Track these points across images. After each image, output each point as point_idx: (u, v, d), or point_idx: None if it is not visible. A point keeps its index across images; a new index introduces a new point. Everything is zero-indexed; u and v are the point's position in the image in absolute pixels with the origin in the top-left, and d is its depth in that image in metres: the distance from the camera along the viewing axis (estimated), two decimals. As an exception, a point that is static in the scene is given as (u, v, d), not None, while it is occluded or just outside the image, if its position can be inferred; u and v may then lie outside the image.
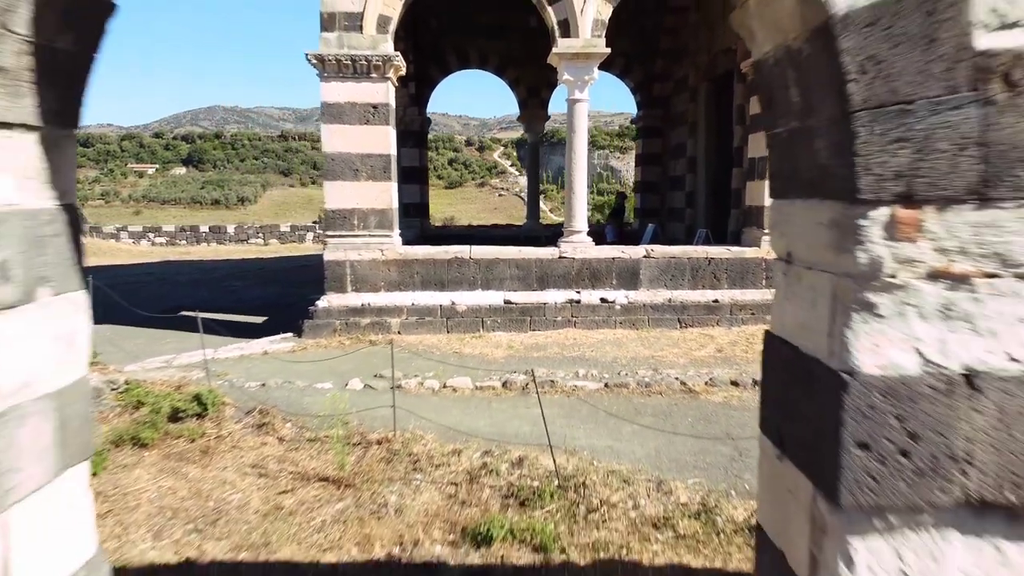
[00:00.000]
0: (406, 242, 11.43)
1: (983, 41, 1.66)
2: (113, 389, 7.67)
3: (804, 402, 1.95)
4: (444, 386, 7.66)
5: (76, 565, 2.29)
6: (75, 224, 2.26)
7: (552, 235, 13.27)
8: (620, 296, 10.69)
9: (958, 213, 1.70)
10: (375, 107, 9.91)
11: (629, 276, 10.79)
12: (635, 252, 10.92)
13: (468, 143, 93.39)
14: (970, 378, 1.73)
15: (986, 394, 1.74)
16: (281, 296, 15.54)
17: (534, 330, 10.38)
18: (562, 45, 10.31)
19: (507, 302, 10.52)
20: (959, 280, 1.72)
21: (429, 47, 18.04)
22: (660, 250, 11.00)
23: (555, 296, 10.63)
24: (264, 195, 72.99)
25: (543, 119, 19.53)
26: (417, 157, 18.61)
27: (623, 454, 5.61)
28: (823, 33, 1.69)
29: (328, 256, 10.23)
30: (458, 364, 8.55)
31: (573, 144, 10.75)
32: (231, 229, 39.70)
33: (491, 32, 17.74)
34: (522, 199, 62.86)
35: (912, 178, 1.67)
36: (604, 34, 10.39)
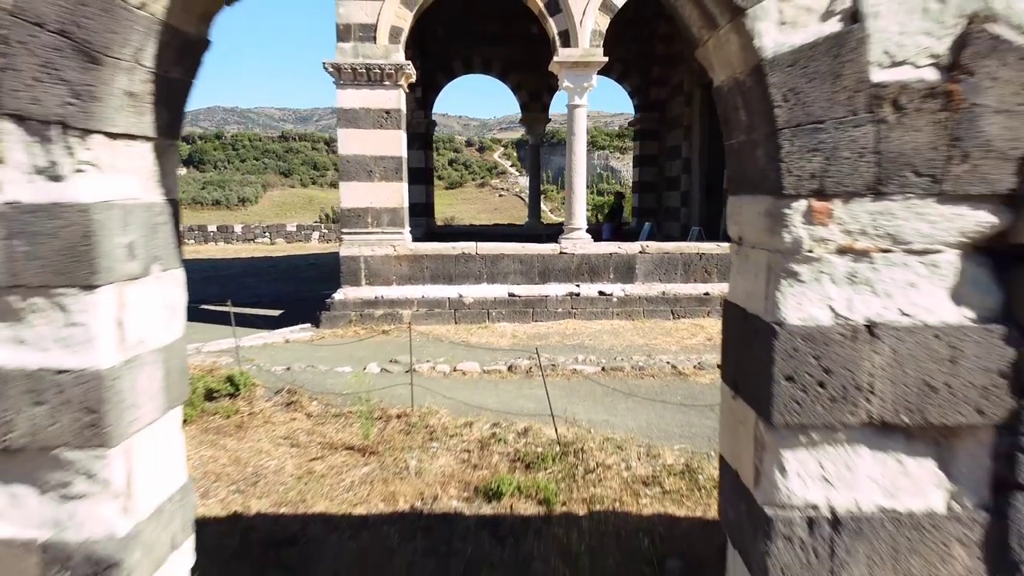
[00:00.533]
0: (415, 240, 11.97)
1: (877, 76, 2.19)
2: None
3: (749, 350, 2.49)
4: (454, 370, 8.21)
5: (174, 488, 2.83)
6: (176, 215, 2.80)
7: (553, 233, 13.80)
8: (617, 289, 11.23)
9: (859, 204, 2.23)
10: (388, 112, 10.46)
11: (625, 271, 11.33)
12: (631, 248, 11.46)
13: (468, 143, 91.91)
14: (871, 328, 2.27)
15: (883, 340, 2.27)
16: (294, 292, 16.07)
17: (536, 321, 10.91)
18: (563, 54, 10.85)
19: (511, 295, 11.05)
20: (861, 254, 2.26)
21: (436, 54, 18.57)
22: (654, 246, 11.53)
23: (556, 289, 11.17)
24: (265, 195, 73.27)
25: (544, 122, 20.05)
26: (423, 159, 19.13)
27: (618, 426, 6.15)
28: (758, 70, 2.22)
29: (344, 252, 10.77)
30: (466, 351, 9.09)
31: (573, 147, 11.29)
32: (238, 228, 40.21)
33: (495, 39, 18.26)
34: (522, 199, 63.22)
35: (823, 178, 2.21)
36: (602, 43, 10.92)
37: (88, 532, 2.42)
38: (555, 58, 10.93)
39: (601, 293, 11.17)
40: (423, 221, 18.57)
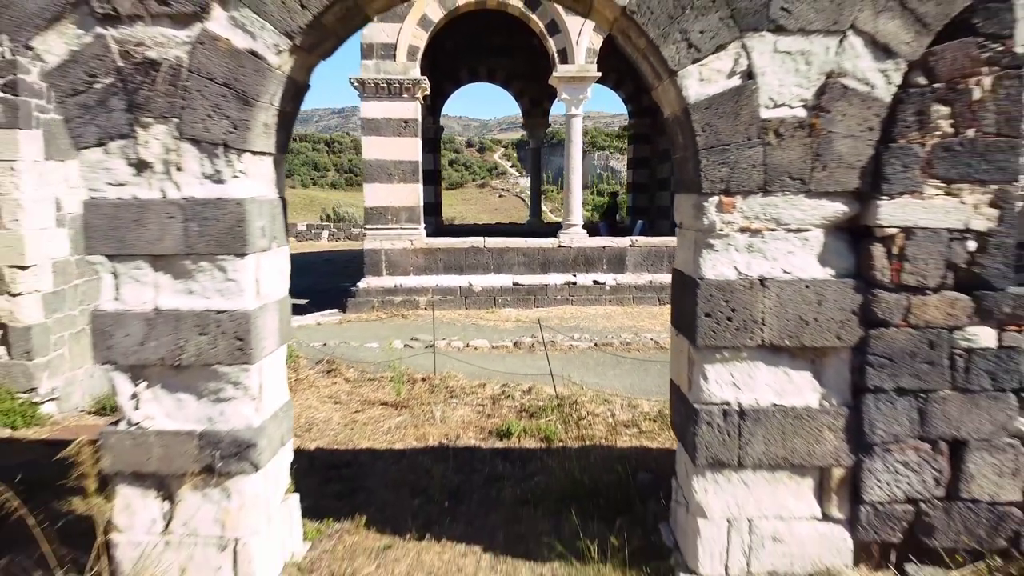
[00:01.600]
0: (427, 235, 12.99)
1: (765, 114, 3.22)
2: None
3: (683, 298, 3.53)
4: (467, 345, 9.24)
5: (282, 402, 3.86)
6: (285, 208, 3.83)
7: (553, 231, 14.82)
8: (609, 278, 12.26)
9: (753, 199, 3.26)
10: (406, 122, 11.49)
11: (617, 262, 12.36)
12: (622, 242, 12.49)
13: (469, 144, 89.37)
14: (762, 281, 3.30)
15: (771, 289, 3.30)
16: (315, 284, 17.05)
17: (538, 307, 11.94)
18: (561, 70, 11.87)
19: (515, 284, 12.08)
20: (755, 232, 3.29)
21: (444, 64, 19.55)
22: (643, 241, 12.55)
23: (555, 279, 12.20)
24: (266, 196, 73.53)
25: (544, 126, 21.05)
26: (432, 162, 20.09)
27: (606, 386, 7.19)
28: (686, 110, 3.25)
29: (367, 245, 11.81)
30: (477, 331, 10.13)
31: (570, 152, 12.33)
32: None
33: (499, 51, 19.24)
34: (522, 199, 63.85)
35: (729, 182, 3.24)
36: (596, 60, 11.93)
37: (233, 424, 3.46)
38: (554, 73, 11.95)
39: (595, 282, 12.20)
40: (431, 220, 19.52)
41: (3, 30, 3.41)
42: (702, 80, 3.22)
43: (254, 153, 3.38)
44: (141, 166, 3.31)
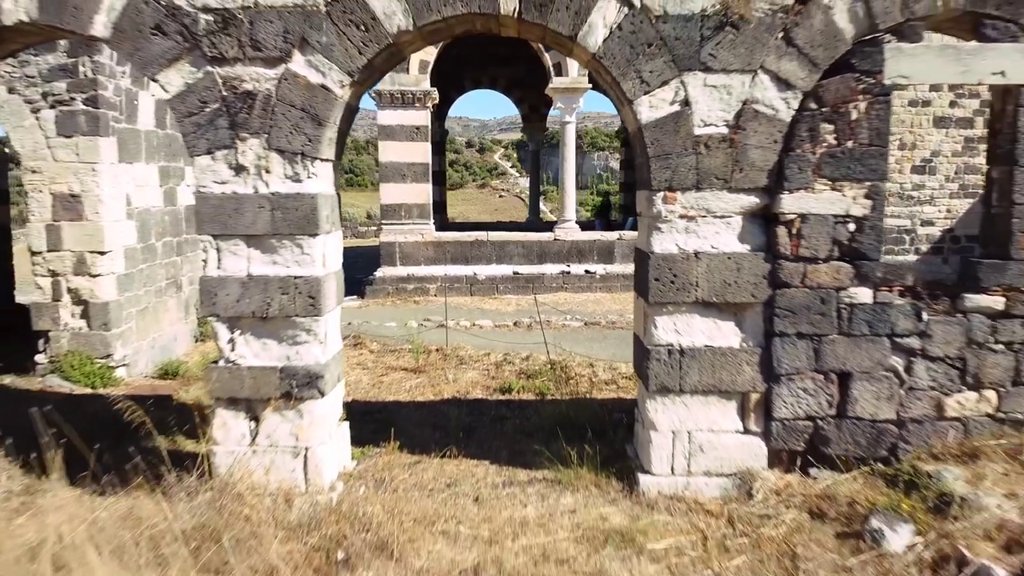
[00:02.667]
0: (436, 230, 14.06)
1: (697, 131, 4.30)
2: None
3: (640, 269, 4.61)
4: (473, 324, 10.33)
5: (338, 348, 4.93)
6: (338, 201, 4.91)
7: (549, 227, 15.89)
8: (600, 268, 13.34)
9: (689, 194, 4.35)
10: (418, 128, 12.57)
11: (607, 254, 13.43)
12: (611, 236, 13.57)
13: (469, 145, 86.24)
14: (696, 254, 4.39)
15: (702, 260, 4.39)
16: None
17: (535, 293, 12.97)
18: (556, 82, 12.95)
19: (515, 273, 13.17)
20: (691, 219, 4.37)
21: (450, 73, 20.58)
22: (630, 235, 13.61)
23: (551, 268, 13.29)
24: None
25: (543, 130, 22.12)
26: (437, 163, 21.14)
27: (592, 355, 8.26)
28: (640, 129, 4.33)
29: (383, 239, 12.89)
30: (481, 313, 11.21)
31: (564, 155, 13.42)
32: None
33: (501, 60, 20.26)
34: (522, 200, 64.45)
35: (671, 181, 4.32)
36: (587, 72, 12.99)
37: (306, 361, 4.54)
38: (550, 84, 13.03)
39: (587, 271, 13.28)
40: (437, 217, 20.56)
41: (136, 66, 4.50)
42: (651, 107, 4.31)
43: (322, 160, 4.47)
44: (239, 169, 4.39)
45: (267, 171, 4.39)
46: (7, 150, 8.99)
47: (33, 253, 7.62)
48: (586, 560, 3.73)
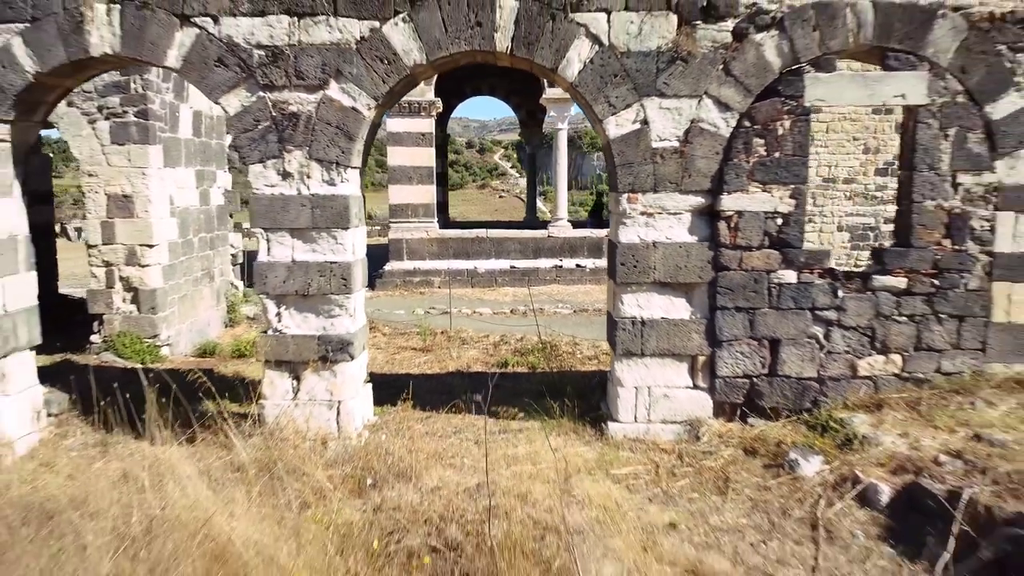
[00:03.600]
0: (439, 228, 15.02)
1: (655, 144, 5.26)
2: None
3: (610, 255, 5.57)
4: (474, 312, 11.28)
5: (364, 322, 5.88)
6: (363, 201, 5.86)
7: (544, 225, 16.84)
8: (589, 263, 14.29)
9: (649, 195, 5.30)
10: (423, 134, 13.52)
11: (596, 249, 14.39)
12: (600, 233, 14.51)
13: (469, 145, 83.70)
14: (654, 243, 5.34)
15: (659, 248, 5.34)
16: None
17: (530, 285, 13.94)
18: (549, 92, 13.90)
19: (512, 267, 14.12)
20: (650, 215, 5.33)
21: (452, 82, 21.53)
22: (618, 232, 14.58)
23: (545, 263, 14.25)
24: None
25: (539, 135, 23.03)
26: (439, 165, 22.08)
27: (579, 336, 9.21)
28: (609, 143, 5.28)
29: (391, 235, 13.86)
30: (480, 303, 12.16)
31: (556, 159, 14.39)
32: (245, 227, 43.04)
33: (500, 70, 21.17)
34: (522, 200, 64.80)
35: (633, 184, 5.27)
36: (578, 83, 13.95)
37: (339, 331, 5.49)
38: (544, 95, 13.99)
39: (578, 265, 14.24)
40: (440, 216, 21.50)
41: (203, 92, 5.46)
42: (617, 125, 5.27)
43: (352, 167, 5.42)
44: (286, 175, 5.35)
45: (308, 176, 5.34)
46: (51, 155, 9.91)
47: (89, 246, 8.57)
48: (562, 481, 4.68)
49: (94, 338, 8.61)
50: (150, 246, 8.52)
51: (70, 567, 3.53)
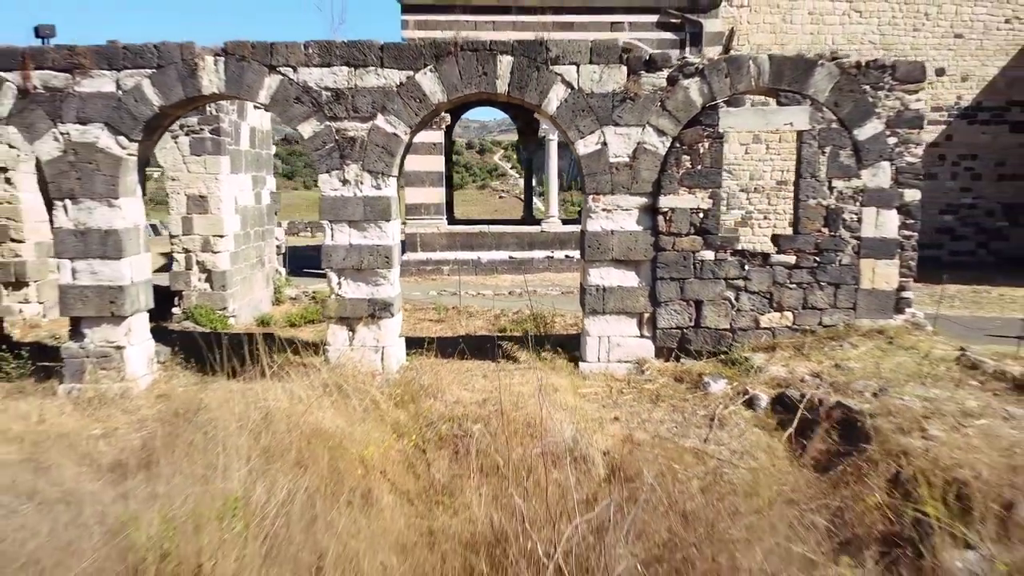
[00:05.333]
0: (447, 224, 16.81)
1: (611, 160, 7.08)
2: (305, 294, 13.12)
3: (581, 241, 7.39)
4: (478, 293, 13.10)
5: (399, 289, 7.70)
6: (398, 201, 7.68)
7: (538, 222, 18.63)
8: (576, 254, 16.09)
9: (608, 196, 7.11)
10: (434, 144, 15.32)
11: (583, 242, 16.20)
12: (587, 228, 16.33)
13: (469, 146, 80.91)
14: (612, 231, 7.16)
15: (615, 235, 7.16)
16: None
17: (526, 274, 15.75)
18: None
19: (510, 257, 15.94)
20: (609, 211, 7.13)
21: (456, 93, 23.34)
22: (602, 227, 16.39)
23: (539, 254, 16.06)
24: (270, 197, 74.39)
25: (536, 140, 24.77)
26: (446, 170, 23.90)
27: (564, 310, 11.03)
28: (579, 159, 7.08)
29: (408, 231, 15.66)
30: (483, 287, 13.98)
31: (548, 165, 16.18)
32: (284, 224, 44.83)
33: (499, 84, 23.00)
34: (522, 200, 66.25)
35: (597, 188, 7.08)
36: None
37: (383, 295, 7.32)
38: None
39: (566, 256, 16.05)
40: (447, 215, 23.36)
41: (284, 121, 7.27)
42: (585, 146, 7.08)
43: (392, 176, 7.24)
44: (345, 182, 7.16)
45: (361, 183, 7.16)
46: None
47: (172, 236, 10.38)
48: (546, 396, 6.51)
49: (175, 310, 10.43)
50: (220, 236, 10.34)
51: (218, 438, 5.35)
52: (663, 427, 5.91)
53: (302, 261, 18.19)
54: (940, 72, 16.06)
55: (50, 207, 9.85)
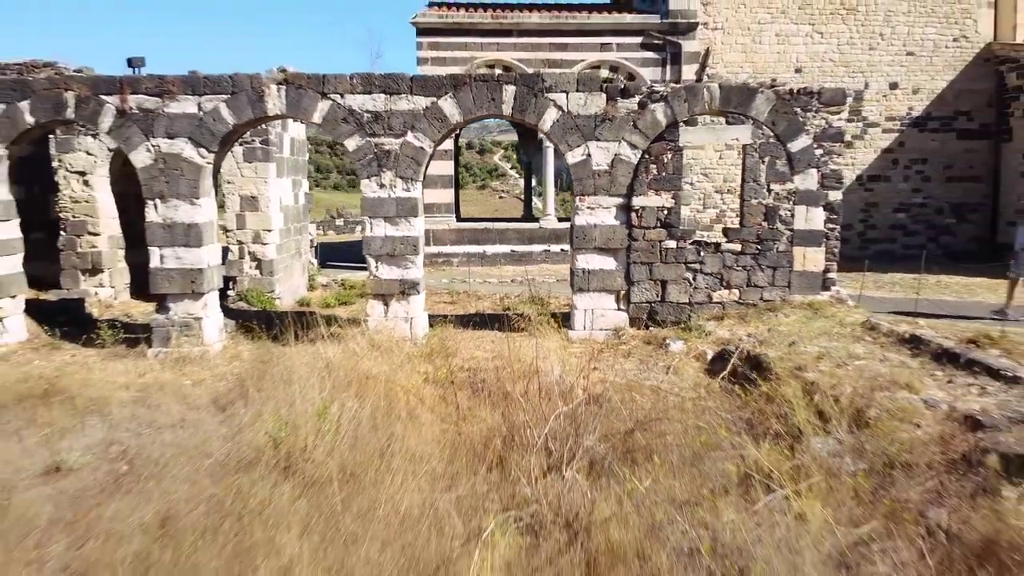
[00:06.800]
0: (456, 222, 18.39)
1: (594, 167, 8.66)
2: (334, 282, 14.72)
3: (571, 232, 8.97)
4: (485, 281, 14.68)
5: (423, 273, 9.29)
6: (423, 199, 9.25)
7: (537, 220, 20.20)
8: (571, 248, 17.69)
9: (592, 196, 8.68)
10: (446, 150, 16.88)
11: (576, 237, 17.77)
12: (580, 225, 17.90)
13: (469, 146, 79.39)
14: (595, 225, 8.74)
15: (597, 228, 8.75)
16: (375, 257, 22.47)
17: (526, 265, 17.34)
18: (540, 118, 17.27)
19: (512, 251, 17.52)
20: (592, 209, 8.69)
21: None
22: (593, 224, 17.96)
23: (537, 248, 17.64)
24: (274, 198, 74.19)
25: (536, 145, 26.33)
26: (454, 172, 25.45)
27: (559, 294, 12.62)
28: (569, 167, 8.65)
29: (421, 226, 17.24)
30: (488, 276, 15.56)
31: (545, 169, 17.76)
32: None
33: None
34: (521, 200, 67.59)
35: (583, 190, 8.65)
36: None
37: (410, 276, 8.91)
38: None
39: (562, 249, 17.62)
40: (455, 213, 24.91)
41: (332, 137, 8.85)
42: (573, 156, 8.66)
43: (418, 181, 8.82)
44: (381, 186, 8.75)
45: (394, 187, 8.74)
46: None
47: (227, 231, 11.96)
48: (542, 356, 8.09)
49: (230, 292, 12.01)
50: (268, 231, 11.92)
51: (295, 377, 6.93)
52: (630, 373, 7.50)
53: (324, 255, 19.71)
54: (893, 86, 17.61)
55: (121, 207, 11.51)
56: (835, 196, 8.82)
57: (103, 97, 8.83)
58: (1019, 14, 17.77)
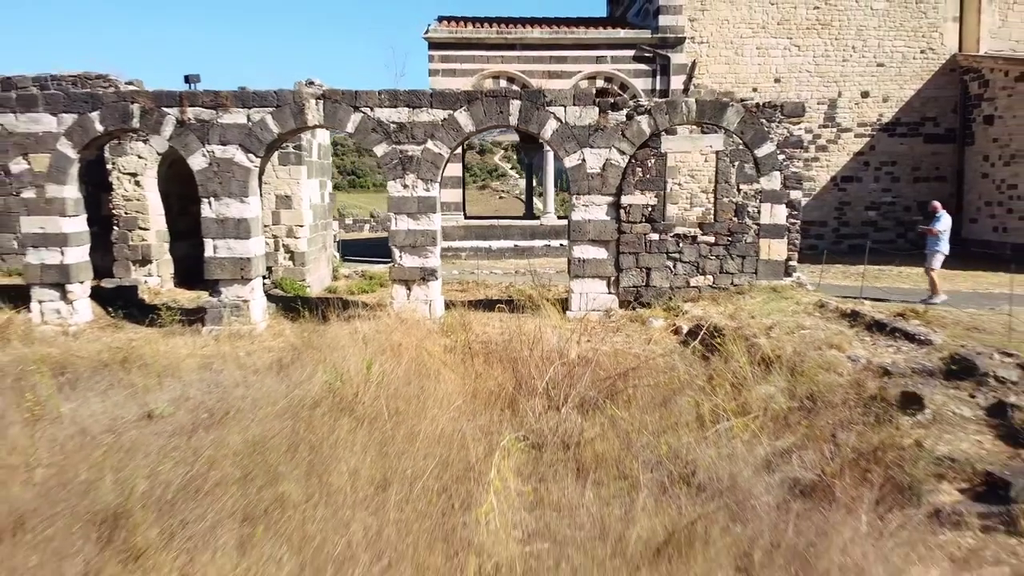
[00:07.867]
0: (464, 219, 19.60)
1: (588, 170, 9.88)
2: (355, 273, 15.95)
3: (568, 227, 10.18)
4: (491, 273, 15.90)
5: (440, 262, 10.51)
6: (439, 199, 10.47)
7: (538, 218, 21.40)
8: (569, 243, 18.91)
9: (586, 195, 9.91)
10: (456, 154, 18.07)
11: (574, 234, 18.99)
12: (577, 222, 19.11)
13: (469, 146, 79.95)
14: (588, 221, 9.96)
15: (591, 222, 9.97)
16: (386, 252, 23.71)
17: (528, 258, 18.55)
18: (541, 124, 18.48)
19: (516, 245, 18.74)
20: (587, 206, 9.91)
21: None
22: (590, 221, 19.17)
23: (538, 243, 18.86)
24: (280, 198, 75.71)
25: (537, 147, 27.55)
26: (461, 173, 26.65)
27: (558, 283, 13.83)
28: (566, 169, 9.86)
29: (432, 223, 18.46)
30: (494, 268, 16.79)
31: (545, 170, 18.97)
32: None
33: (504, 100, 25.75)
34: (521, 200, 68.57)
35: (578, 190, 9.85)
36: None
37: (429, 264, 10.12)
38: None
39: (561, 244, 18.82)
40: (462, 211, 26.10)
41: (362, 145, 10.07)
42: (570, 161, 9.87)
43: (436, 182, 10.03)
44: (405, 186, 9.97)
45: (416, 187, 9.96)
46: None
47: (264, 226, 13.16)
48: (547, 331, 9.30)
49: (266, 281, 13.23)
50: (300, 226, 13.14)
51: (340, 344, 8.14)
52: (618, 344, 8.72)
53: (344, 249, 20.89)
54: (865, 94, 18.80)
55: (165, 205, 12.75)
56: (796, 195, 10.03)
57: (164, 109, 10.04)
58: (982, 28, 18.95)
